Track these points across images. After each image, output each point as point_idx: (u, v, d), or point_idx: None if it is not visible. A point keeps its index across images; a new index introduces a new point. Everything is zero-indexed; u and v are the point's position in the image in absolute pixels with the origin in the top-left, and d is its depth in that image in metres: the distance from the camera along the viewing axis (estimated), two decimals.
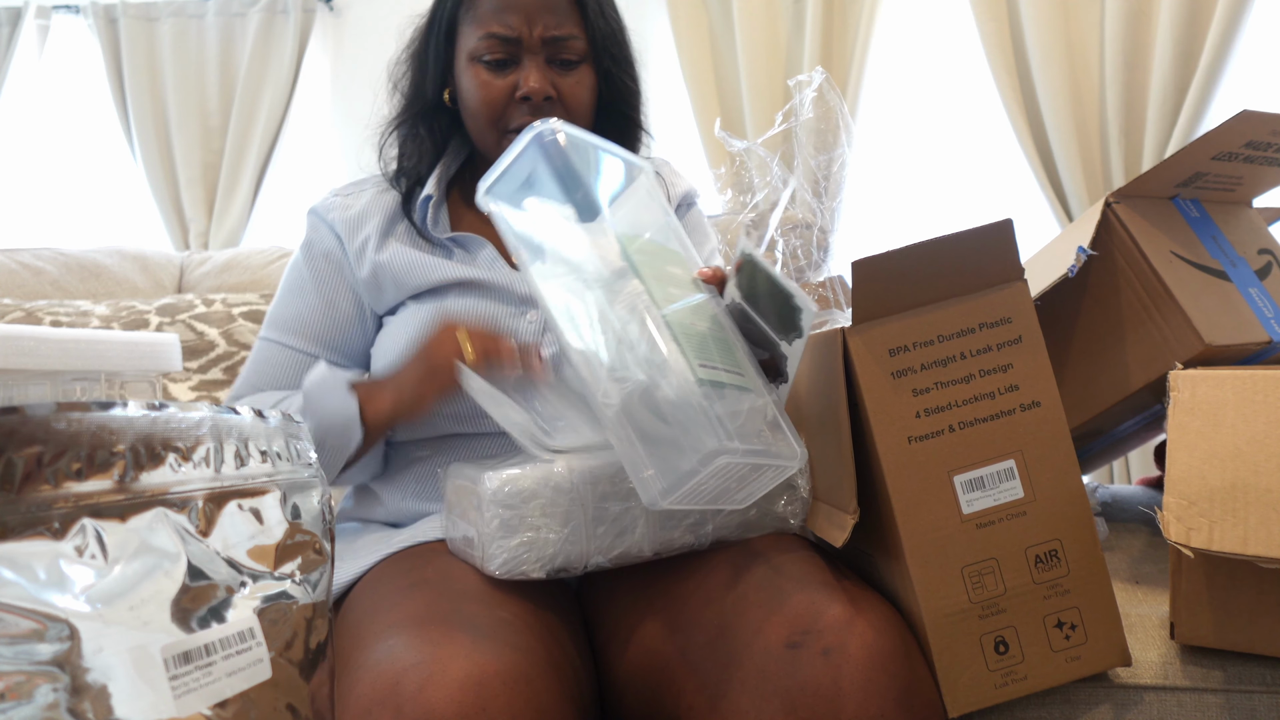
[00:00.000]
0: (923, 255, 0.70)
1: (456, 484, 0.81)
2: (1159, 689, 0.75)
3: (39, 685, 0.37)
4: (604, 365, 0.66)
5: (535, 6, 0.93)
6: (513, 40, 0.93)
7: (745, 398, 0.68)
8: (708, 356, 0.68)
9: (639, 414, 0.65)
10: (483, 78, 0.94)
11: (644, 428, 0.64)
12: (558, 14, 0.94)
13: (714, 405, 0.64)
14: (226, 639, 0.46)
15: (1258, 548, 0.66)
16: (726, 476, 0.65)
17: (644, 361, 0.66)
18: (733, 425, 0.64)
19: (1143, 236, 0.89)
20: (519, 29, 0.93)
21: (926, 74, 2.37)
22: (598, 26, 0.96)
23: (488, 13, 0.94)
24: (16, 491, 0.39)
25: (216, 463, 0.50)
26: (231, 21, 2.53)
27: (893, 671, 0.65)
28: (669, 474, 0.63)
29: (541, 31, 0.93)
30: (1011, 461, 0.71)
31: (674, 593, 0.78)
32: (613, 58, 0.99)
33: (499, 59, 0.94)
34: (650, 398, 0.64)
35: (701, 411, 0.63)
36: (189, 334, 1.61)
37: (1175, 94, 2.06)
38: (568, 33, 0.95)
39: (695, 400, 0.64)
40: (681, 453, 0.62)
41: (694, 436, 0.62)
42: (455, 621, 0.68)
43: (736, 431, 0.63)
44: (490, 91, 0.94)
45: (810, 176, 1.74)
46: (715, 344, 0.71)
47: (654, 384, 0.64)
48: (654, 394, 0.64)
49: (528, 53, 0.94)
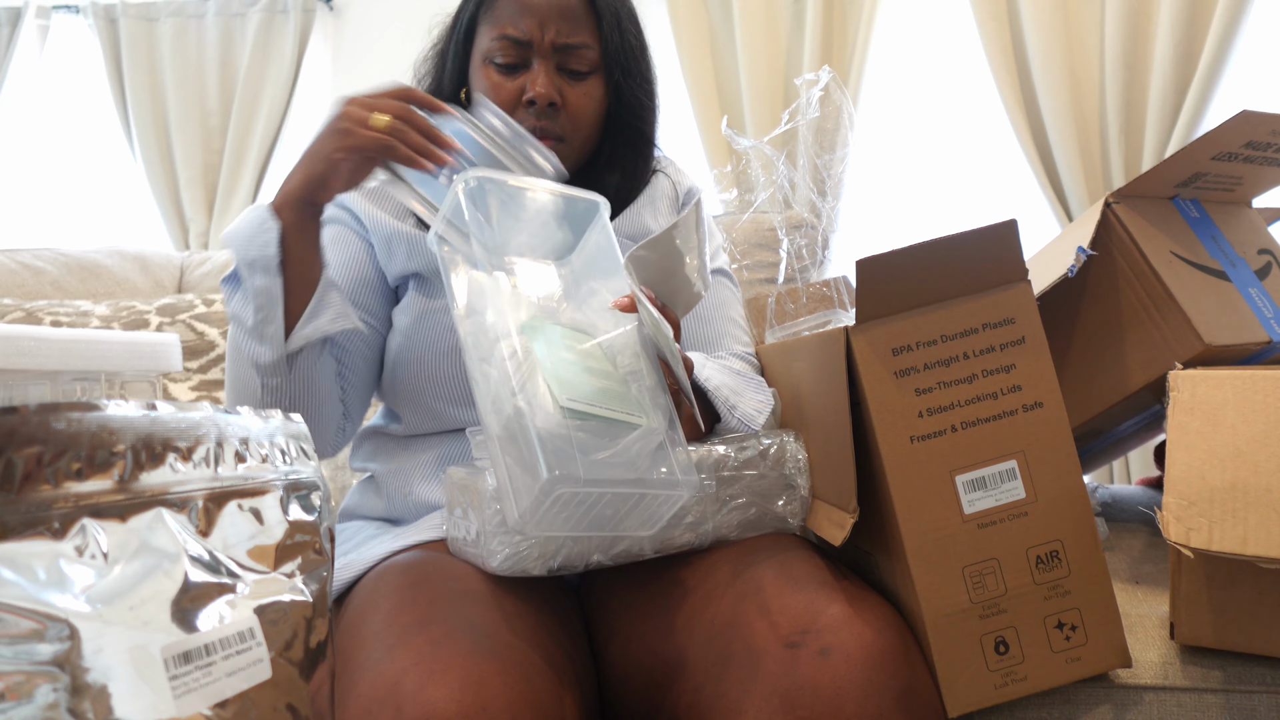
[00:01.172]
0: (927, 255, 0.70)
1: (457, 483, 0.81)
2: (1159, 689, 0.75)
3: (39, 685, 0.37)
4: (489, 396, 0.68)
5: (550, 12, 0.94)
6: (524, 43, 0.94)
7: (624, 429, 0.69)
8: (580, 392, 0.69)
9: (512, 442, 0.66)
10: (493, 79, 0.95)
11: (517, 454, 0.66)
12: (572, 22, 0.95)
13: (569, 434, 0.66)
14: (226, 639, 0.46)
15: (1257, 548, 0.66)
16: (590, 505, 0.66)
17: (514, 395, 0.67)
18: (594, 453, 0.65)
19: (1142, 236, 0.89)
20: (531, 33, 0.94)
21: (927, 74, 2.37)
22: (612, 39, 0.97)
23: (504, 15, 0.95)
24: (16, 491, 0.39)
25: (216, 463, 0.50)
26: (231, 21, 2.53)
27: (891, 671, 0.65)
28: (524, 499, 0.65)
29: (554, 37, 0.94)
30: (1013, 462, 0.71)
31: (674, 592, 0.78)
32: (625, 71, 0.99)
33: (510, 62, 0.95)
34: (521, 426, 0.65)
35: (553, 440, 0.65)
36: (189, 334, 1.61)
37: (1175, 94, 2.06)
38: (580, 41, 0.95)
39: (551, 428, 0.65)
40: (533, 481, 0.64)
41: (534, 468, 0.64)
42: (455, 621, 0.68)
43: (586, 464, 0.65)
44: (499, 93, 0.95)
45: (814, 175, 1.74)
46: (629, 372, 0.73)
47: (525, 414, 0.65)
48: (523, 423, 0.65)
49: (538, 57, 0.94)
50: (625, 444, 0.68)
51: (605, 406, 0.69)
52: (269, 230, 0.84)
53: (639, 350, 0.75)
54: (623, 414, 0.70)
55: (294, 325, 0.86)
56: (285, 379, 0.87)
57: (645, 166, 1.06)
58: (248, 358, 0.86)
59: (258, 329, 0.85)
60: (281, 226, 0.84)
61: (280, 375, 0.87)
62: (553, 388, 0.68)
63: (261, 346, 0.85)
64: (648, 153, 1.06)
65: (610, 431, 0.68)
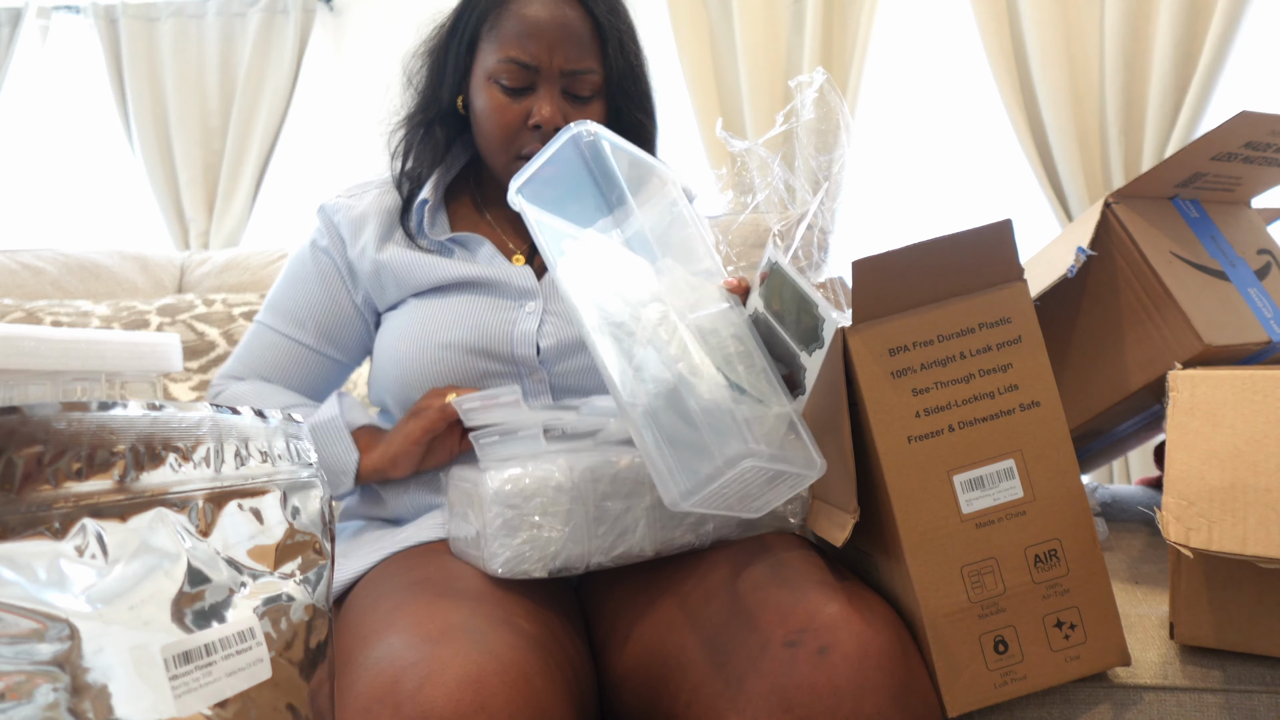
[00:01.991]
0: (923, 255, 0.70)
1: (458, 485, 0.81)
2: (1158, 689, 0.75)
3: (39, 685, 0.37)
4: (631, 367, 0.67)
5: (558, 37, 0.94)
6: (531, 68, 0.94)
7: (767, 407, 0.68)
8: (731, 364, 0.69)
9: (664, 416, 0.65)
10: (498, 100, 0.95)
11: (668, 429, 0.65)
12: (579, 47, 0.95)
13: (740, 409, 0.64)
14: (226, 639, 0.46)
15: (1257, 548, 0.66)
16: (747, 482, 0.65)
17: (671, 364, 0.66)
18: (759, 430, 0.64)
19: (1142, 237, 0.89)
20: (539, 57, 0.93)
21: (926, 74, 2.37)
22: (616, 63, 0.97)
23: (511, 36, 0.94)
24: (17, 491, 0.39)
25: (216, 463, 0.50)
26: (231, 21, 2.53)
27: (889, 670, 0.65)
28: (691, 476, 0.63)
29: (561, 63, 0.94)
30: (1011, 461, 0.71)
31: (673, 591, 0.78)
32: (626, 94, 0.99)
33: (516, 85, 0.95)
34: (677, 400, 0.64)
35: (729, 415, 0.63)
36: (189, 334, 1.61)
37: (1175, 94, 2.06)
38: (586, 67, 0.95)
39: (724, 404, 0.64)
40: (706, 455, 0.62)
41: (720, 439, 0.62)
42: (455, 620, 0.68)
43: (763, 437, 0.64)
44: (505, 115, 0.95)
45: (811, 177, 1.74)
46: (738, 353, 0.72)
47: (682, 386, 0.64)
48: (681, 396, 0.64)
49: (544, 82, 0.94)
50: (774, 420, 0.67)
51: (750, 380, 0.69)
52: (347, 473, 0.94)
53: (743, 333, 0.74)
54: (763, 391, 0.69)
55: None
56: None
57: None
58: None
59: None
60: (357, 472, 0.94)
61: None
62: (713, 357, 0.67)
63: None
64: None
65: (758, 407, 0.67)
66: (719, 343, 0.71)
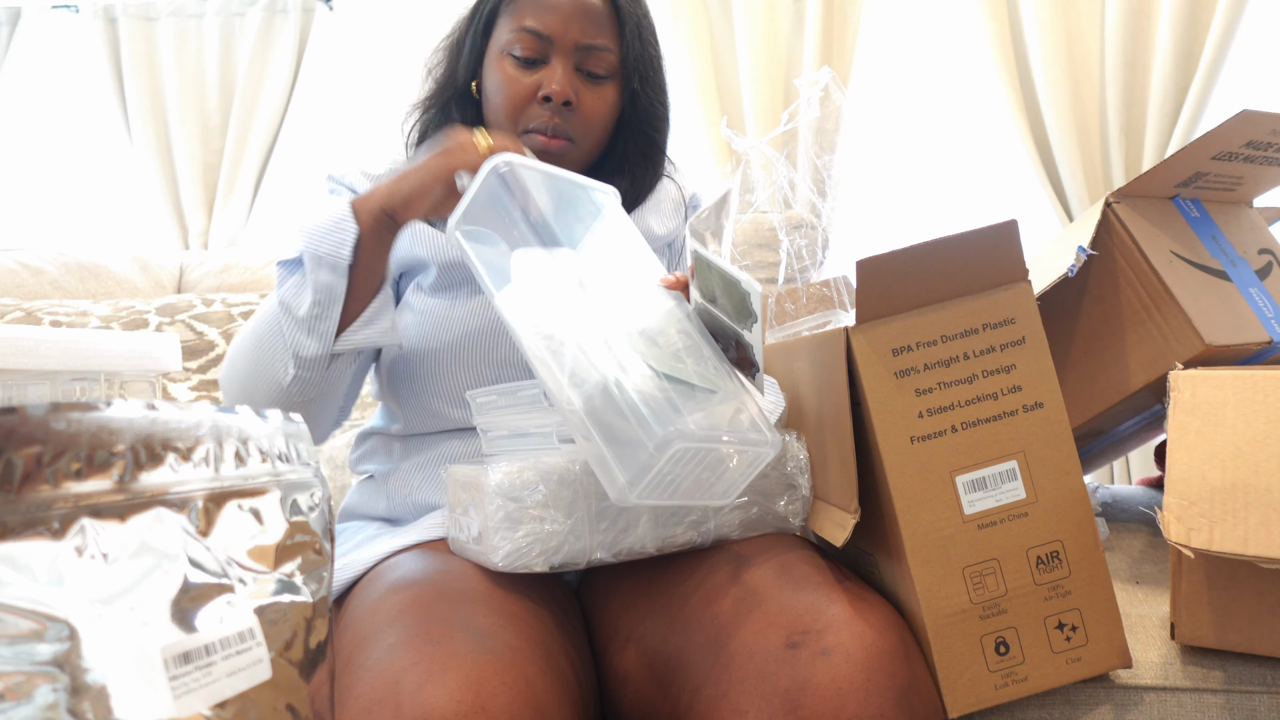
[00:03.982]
0: (927, 255, 0.70)
1: (459, 481, 0.81)
2: (1159, 689, 0.75)
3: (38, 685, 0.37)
4: (564, 372, 0.68)
5: (575, 11, 0.93)
6: (545, 38, 0.93)
7: (712, 396, 0.69)
8: (680, 359, 0.70)
9: (601, 413, 0.66)
10: (509, 73, 0.94)
11: (607, 425, 0.66)
12: (596, 23, 0.94)
13: (668, 394, 0.65)
14: (226, 639, 0.46)
15: (1258, 548, 0.66)
16: (694, 464, 0.66)
17: (601, 362, 0.67)
18: (695, 415, 0.65)
19: (1143, 236, 0.89)
20: (553, 29, 0.93)
21: (927, 74, 2.37)
22: (633, 46, 0.96)
23: (527, 8, 0.94)
24: (16, 491, 0.39)
25: (216, 463, 0.50)
26: (231, 21, 2.53)
27: (892, 671, 0.65)
28: (630, 466, 0.64)
29: (577, 36, 0.93)
30: (1014, 462, 0.71)
31: (674, 592, 0.78)
32: (642, 78, 0.98)
33: (529, 55, 0.93)
34: (608, 395, 0.65)
35: (653, 401, 0.64)
36: (189, 334, 1.61)
37: (1175, 94, 2.06)
38: (602, 43, 0.94)
39: (650, 390, 0.65)
40: (640, 444, 0.64)
41: (648, 426, 0.63)
42: (455, 621, 0.68)
43: (701, 421, 0.65)
44: (515, 87, 0.94)
45: (814, 176, 1.74)
46: (686, 348, 0.73)
47: (612, 381, 0.65)
48: (611, 391, 0.65)
49: (558, 54, 0.93)
50: (713, 406, 0.68)
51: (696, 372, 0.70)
52: (346, 231, 0.83)
53: (688, 327, 0.75)
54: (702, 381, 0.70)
55: (345, 326, 0.86)
56: (320, 374, 0.87)
57: (655, 174, 1.06)
58: (289, 345, 0.86)
59: (309, 322, 0.85)
60: (359, 231, 0.84)
61: (318, 370, 0.87)
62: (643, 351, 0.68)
63: (309, 339, 0.85)
64: (659, 161, 1.06)
65: (695, 396, 0.68)
66: (667, 342, 0.72)
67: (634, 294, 0.77)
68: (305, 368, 0.86)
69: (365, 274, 0.85)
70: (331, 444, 1.56)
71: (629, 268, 0.80)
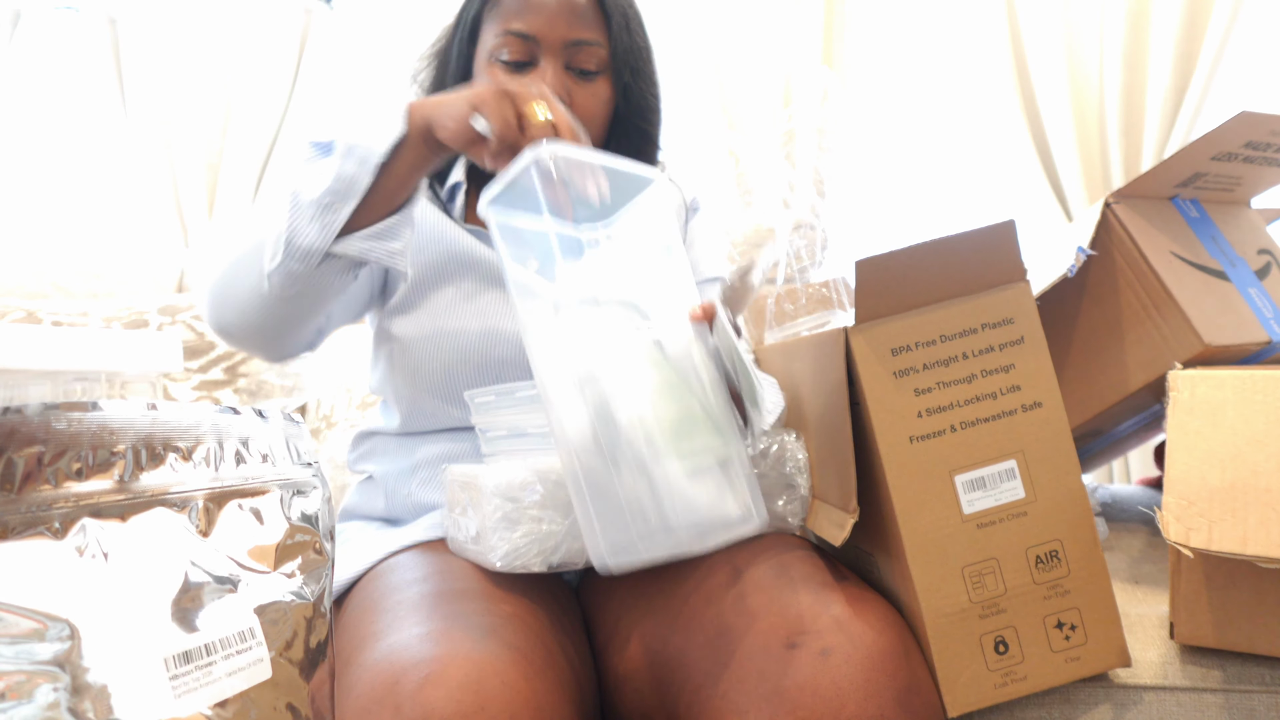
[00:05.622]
0: (926, 255, 0.70)
1: (458, 481, 0.81)
2: (1159, 689, 0.75)
3: (39, 685, 0.37)
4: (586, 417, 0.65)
5: (558, 9, 0.92)
6: (532, 39, 0.91)
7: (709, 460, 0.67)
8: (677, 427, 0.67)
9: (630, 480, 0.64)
10: (498, 78, 0.92)
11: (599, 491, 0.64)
12: (582, 18, 0.92)
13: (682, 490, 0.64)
14: (226, 639, 0.46)
15: (1257, 548, 0.66)
16: (670, 548, 0.65)
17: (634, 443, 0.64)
18: (691, 516, 0.64)
19: (1142, 236, 0.89)
20: (539, 29, 0.91)
21: (926, 74, 2.37)
22: (621, 39, 0.95)
23: (510, 11, 0.92)
24: (17, 491, 0.39)
25: (216, 463, 0.50)
26: (231, 21, 2.53)
27: (891, 671, 0.65)
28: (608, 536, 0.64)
29: (564, 33, 0.92)
30: (1013, 462, 0.71)
31: (674, 592, 0.78)
32: (634, 71, 0.97)
33: (517, 59, 0.92)
34: (602, 475, 0.64)
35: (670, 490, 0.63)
36: (189, 334, 1.61)
37: (1175, 94, 2.06)
38: (590, 38, 0.93)
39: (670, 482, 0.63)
40: (625, 530, 0.63)
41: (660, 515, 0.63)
42: (455, 620, 0.68)
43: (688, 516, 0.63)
44: None
45: (813, 175, 1.74)
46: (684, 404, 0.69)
47: (649, 459, 0.63)
48: (606, 474, 0.64)
49: (546, 55, 0.92)
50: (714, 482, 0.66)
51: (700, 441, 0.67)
52: (393, 131, 0.78)
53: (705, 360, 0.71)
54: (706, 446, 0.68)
55: (352, 230, 0.80)
56: (309, 270, 0.80)
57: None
58: (285, 227, 0.79)
59: (318, 208, 0.78)
60: (406, 132, 0.78)
61: (307, 265, 0.79)
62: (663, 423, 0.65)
63: (309, 226, 0.78)
64: (653, 156, 1.05)
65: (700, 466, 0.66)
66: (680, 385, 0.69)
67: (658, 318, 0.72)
68: (294, 258, 0.79)
69: (393, 182, 0.79)
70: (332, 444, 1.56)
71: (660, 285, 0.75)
